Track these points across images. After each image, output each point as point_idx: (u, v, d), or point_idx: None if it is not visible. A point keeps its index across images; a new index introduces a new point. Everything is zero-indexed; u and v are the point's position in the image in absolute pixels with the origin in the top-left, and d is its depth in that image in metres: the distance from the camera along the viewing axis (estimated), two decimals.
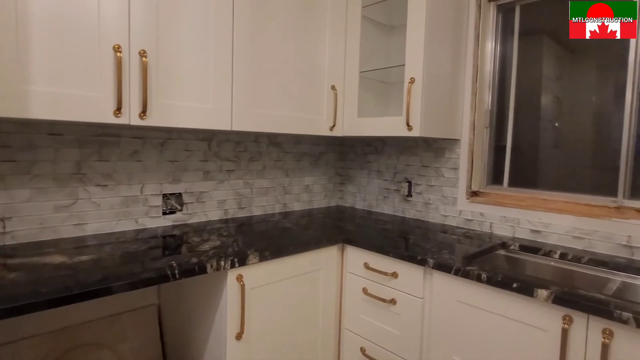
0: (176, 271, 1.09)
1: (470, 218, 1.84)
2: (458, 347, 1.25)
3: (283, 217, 1.98)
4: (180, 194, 1.70)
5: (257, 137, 1.96)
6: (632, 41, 1.44)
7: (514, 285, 1.09)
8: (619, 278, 1.34)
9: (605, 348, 0.95)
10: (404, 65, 1.66)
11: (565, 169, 1.75)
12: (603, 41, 1.61)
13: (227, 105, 1.46)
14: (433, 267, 1.28)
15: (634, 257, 1.40)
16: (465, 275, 1.20)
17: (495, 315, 1.15)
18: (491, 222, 1.77)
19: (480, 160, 1.87)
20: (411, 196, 2.07)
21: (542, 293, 1.04)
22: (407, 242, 1.57)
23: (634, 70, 1.45)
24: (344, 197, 2.43)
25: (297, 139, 2.16)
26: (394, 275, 1.40)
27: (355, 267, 1.55)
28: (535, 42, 1.82)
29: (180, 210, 1.71)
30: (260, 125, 1.58)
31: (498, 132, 1.89)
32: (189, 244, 1.39)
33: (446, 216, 1.93)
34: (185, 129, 1.50)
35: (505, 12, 1.84)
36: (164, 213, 1.65)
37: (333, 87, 1.84)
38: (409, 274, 1.37)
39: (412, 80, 1.62)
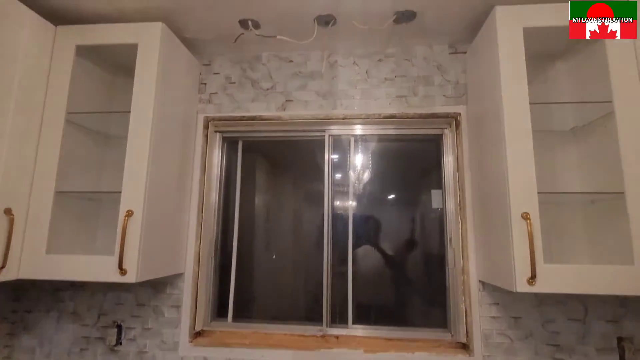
0: None
1: None
2: None
3: None
4: None
5: None
6: (326, 171, 1.78)
7: None
8: None
9: None
10: (120, 192, 1.39)
11: (282, 296, 1.87)
12: (295, 158, 1.92)
13: None
14: None
15: None
16: None
17: None
18: None
19: (205, 294, 1.73)
20: (121, 344, 1.65)
21: None
22: None
23: (328, 202, 1.77)
24: (15, 356, 1.68)
25: None
26: None
27: None
28: (252, 170, 1.97)
29: None
30: None
31: (223, 261, 1.84)
32: None
33: None
34: None
35: (230, 143, 1.94)
36: None
37: (8, 212, 1.30)
38: None
39: (129, 213, 1.35)
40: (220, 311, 1.79)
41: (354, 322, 1.70)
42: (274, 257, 1.89)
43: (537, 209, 1.24)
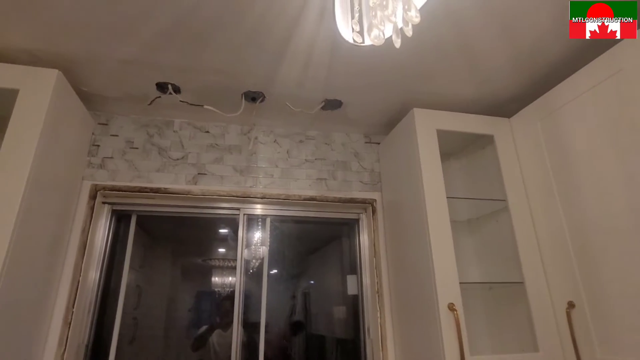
0: None
1: None
2: None
3: None
4: None
5: None
6: (239, 253, 1.57)
7: None
8: None
9: None
10: None
11: None
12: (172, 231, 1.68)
13: None
14: None
15: None
16: None
17: None
18: None
19: None
20: None
21: None
22: None
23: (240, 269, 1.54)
24: None
25: None
26: None
27: None
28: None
29: None
30: None
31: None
32: None
33: None
34: None
35: (122, 217, 1.61)
36: None
37: None
38: None
39: None
40: None
41: None
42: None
43: (460, 299, 1.29)
